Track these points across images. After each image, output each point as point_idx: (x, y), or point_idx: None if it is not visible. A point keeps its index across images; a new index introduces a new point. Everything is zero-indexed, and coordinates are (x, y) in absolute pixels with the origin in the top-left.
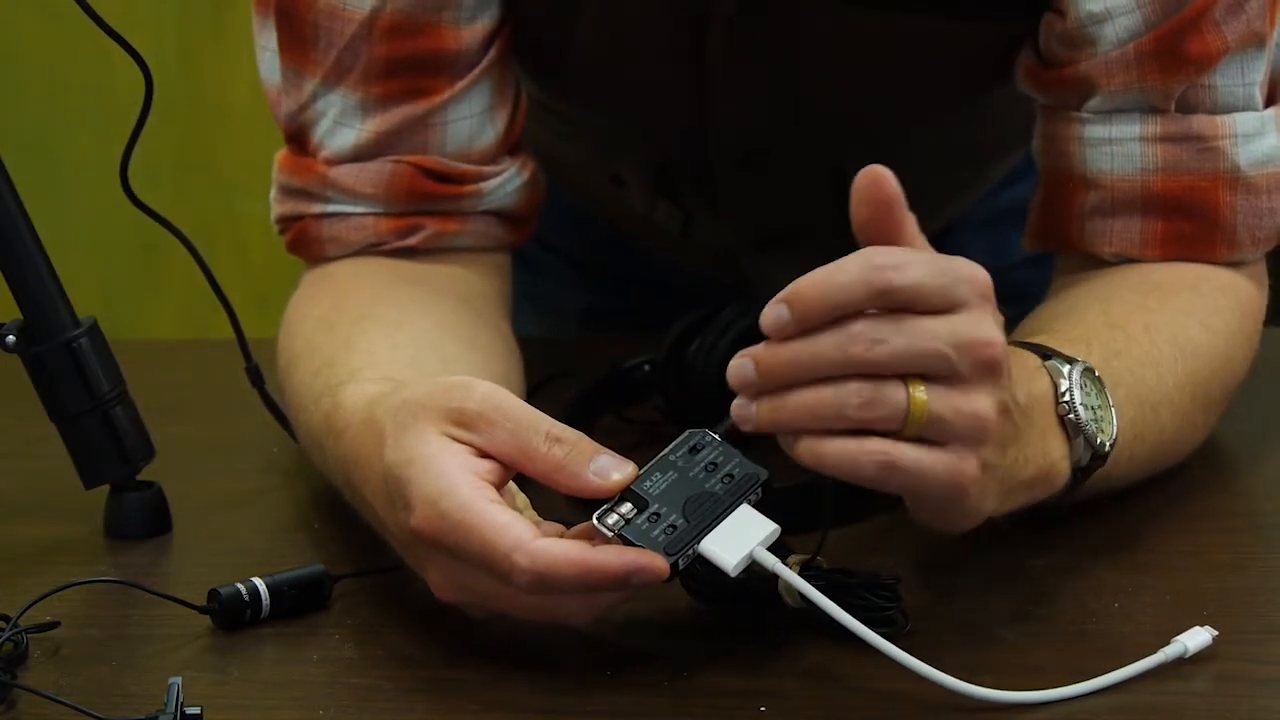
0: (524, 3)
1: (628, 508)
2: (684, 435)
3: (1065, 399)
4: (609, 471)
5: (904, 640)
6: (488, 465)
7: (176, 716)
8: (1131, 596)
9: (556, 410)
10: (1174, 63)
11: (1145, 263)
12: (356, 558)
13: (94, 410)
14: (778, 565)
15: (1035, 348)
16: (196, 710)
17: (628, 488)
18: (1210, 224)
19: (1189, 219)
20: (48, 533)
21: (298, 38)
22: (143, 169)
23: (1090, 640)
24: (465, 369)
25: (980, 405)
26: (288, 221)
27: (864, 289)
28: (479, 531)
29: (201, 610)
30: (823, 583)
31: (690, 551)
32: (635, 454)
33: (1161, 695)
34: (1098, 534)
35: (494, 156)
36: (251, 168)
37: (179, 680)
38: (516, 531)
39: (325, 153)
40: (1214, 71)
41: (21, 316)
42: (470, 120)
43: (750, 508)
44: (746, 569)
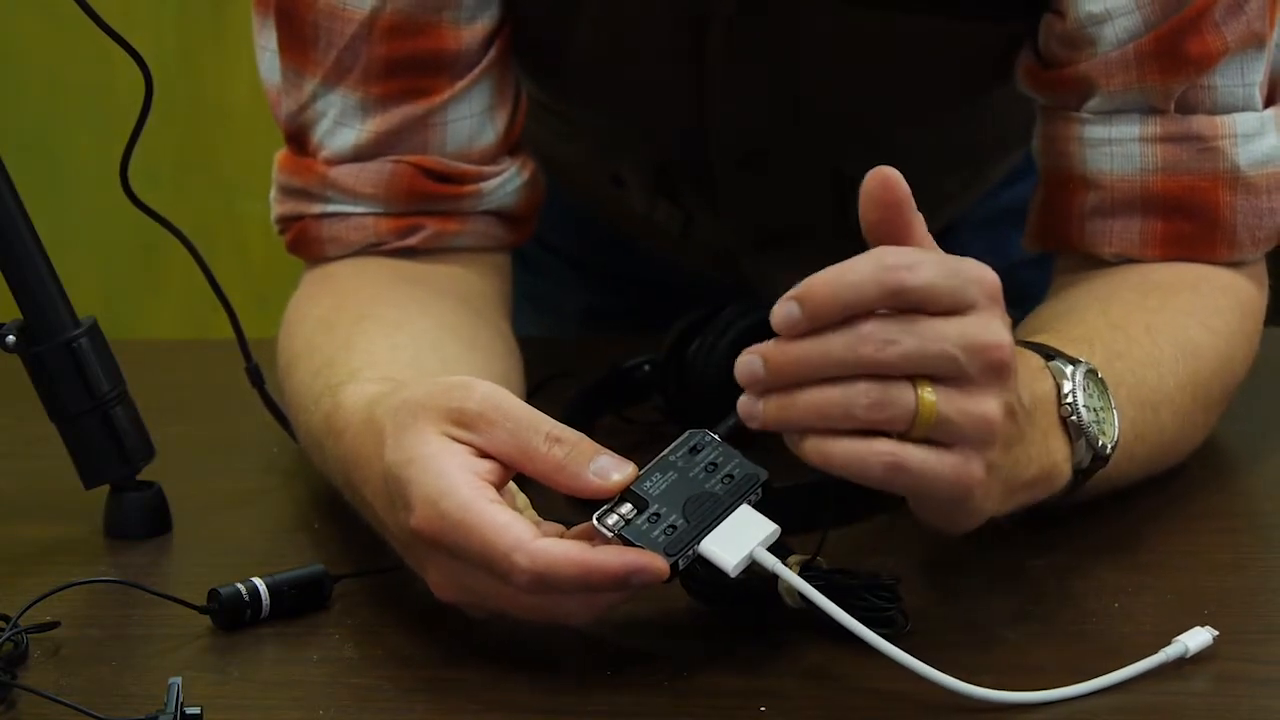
0: (524, 3)
1: (628, 508)
2: (684, 435)
3: (1068, 400)
4: (609, 472)
5: (904, 640)
6: (488, 465)
7: (176, 716)
8: (1131, 596)
9: (556, 410)
10: (1174, 63)
11: (1145, 263)
12: (356, 558)
13: (94, 410)
14: (778, 565)
15: (1038, 348)
16: (196, 710)
17: (628, 488)
18: (1210, 224)
19: (1189, 219)
20: (48, 533)
21: (298, 38)
22: (143, 169)
23: (1090, 640)
24: (465, 369)
25: (987, 408)
26: (288, 221)
27: (876, 289)
28: (479, 531)
29: (201, 610)
30: (823, 583)
31: (690, 552)
32: (635, 454)
33: (1161, 695)
34: (1098, 534)
35: (494, 156)
36: (251, 168)
37: (179, 680)
38: (516, 531)
39: (325, 153)
40: (1214, 72)
41: (21, 316)
42: (470, 120)
43: (750, 508)
44: (746, 569)
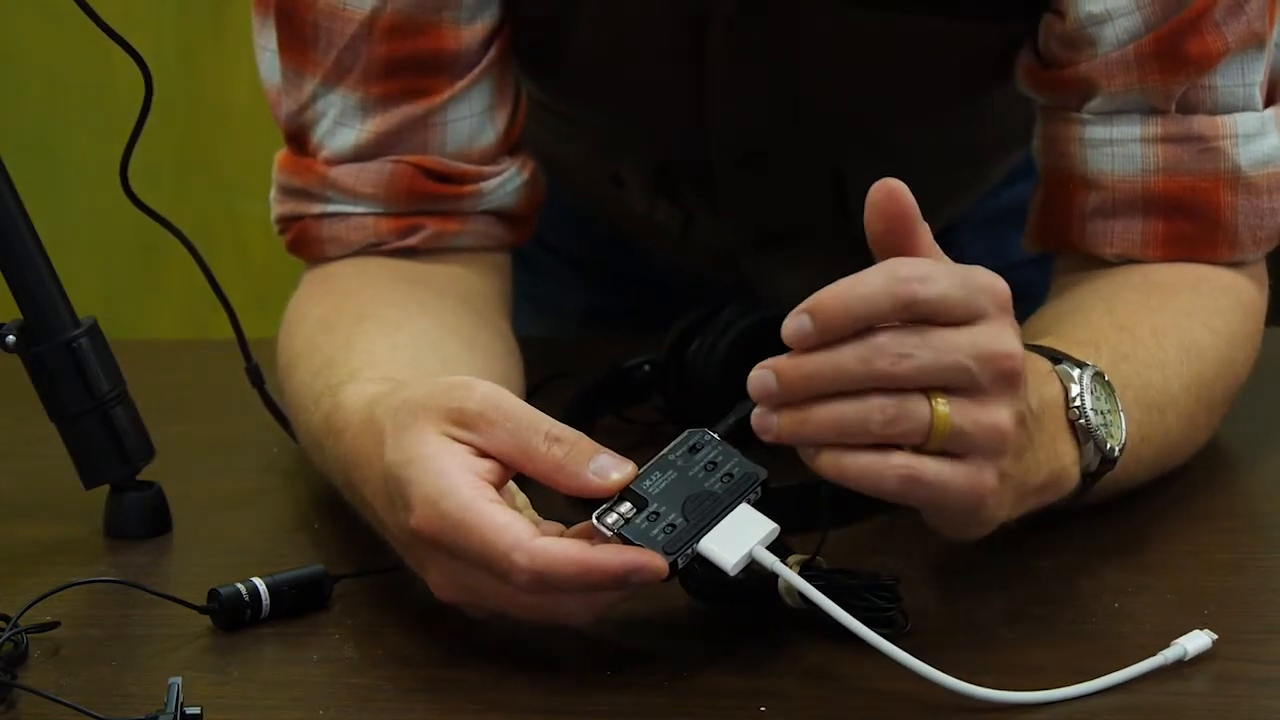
0: (524, 3)
1: (627, 507)
2: (683, 435)
3: (1076, 404)
4: (608, 471)
5: (904, 640)
6: (487, 465)
7: (176, 716)
8: (1131, 596)
9: (556, 410)
10: (1174, 64)
11: (1146, 263)
12: (356, 558)
13: (94, 410)
14: (777, 564)
15: (1045, 351)
16: (196, 710)
17: (627, 487)
18: (1211, 224)
19: (1190, 219)
20: (48, 533)
21: (298, 38)
22: (143, 169)
23: (1090, 640)
24: (465, 369)
25: (999, 417)
26: (288, 221)
27: (889, 301)
28: (478, 531)
29: (201, 610)
30: (823, 583)
31: (689, 550)
32: (635, 454)
33: (1161, 695)
34: (1098, 534)
35: (494, 156)
36: (251, 168)
37: (179, 680)
38: (516, 531)
39: (325, 153)
40: (1214, 72)
41: (21, 316)
42: (470, 120)
43: (750, 507)
44: (746, 569)
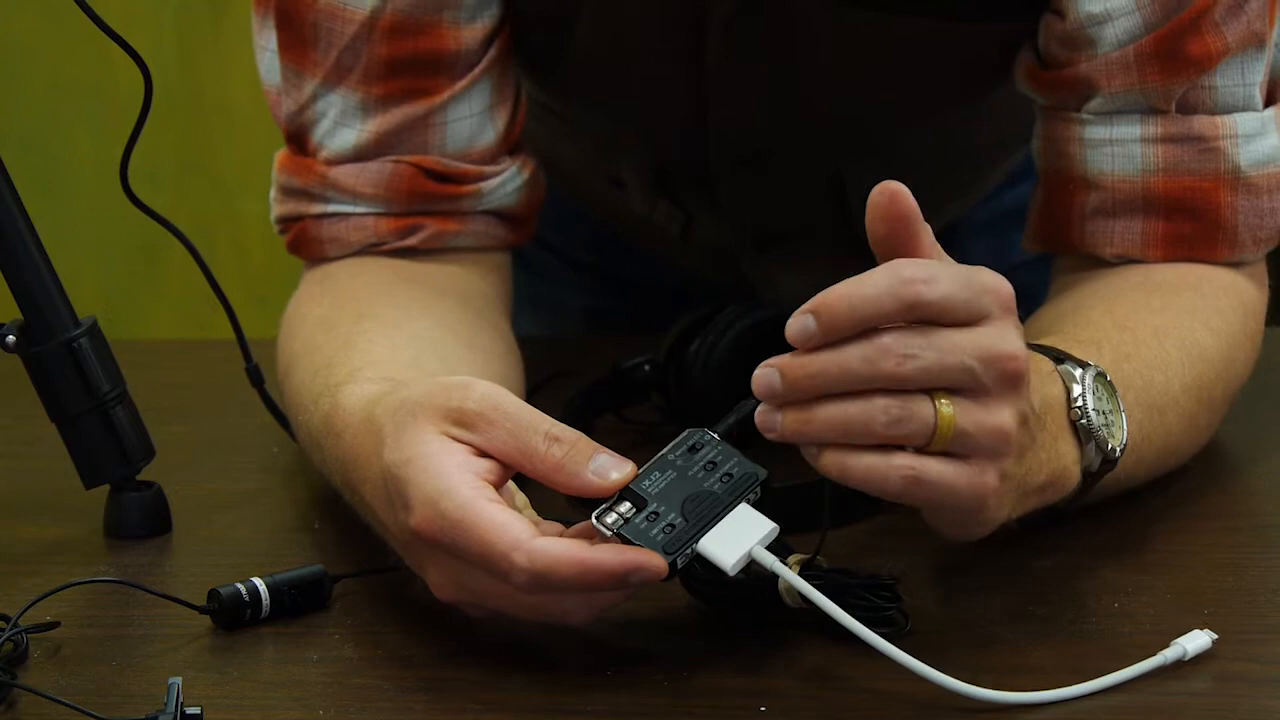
0: (524, 2)
1: (626, 507)
2: (683, 434)
3: (1078, 404)
4: (608, 471)
5: (904, 640)
6: (487, 465)
7: (176, 716)
8: (1131, 596)
9: (556, 410)
10: (1174, 64)
11: (1146, 263)
12: (356, 558)
13: (94, 410)
14: (776, 564)
15: (1047, 350)
16: (196, 710)
17: (627, 487)
18: (1212, 224)
19: (1190, 219)
20: (48, 533)
21: (298, 38)
22: (143, 169)
23: (1090, 640)
24: (465, 369)
25: (1002, 419)
26: (288, 222)
27: (893, 302)
28: (478, 531)
29: (201, 610)
30: (822, 582)
31: (689, 550)
32: (635, 454)
33: (1161, 695)
34: (1097, 534)
35: (494, 156)
36: (251, 168)
37: (179, 680)
38: (515, 531)
39: (325, 153)
40: (1214, 72)
41: (21, 316)
42: (470, 120)
43: (749, 507)
44: (746, 568)
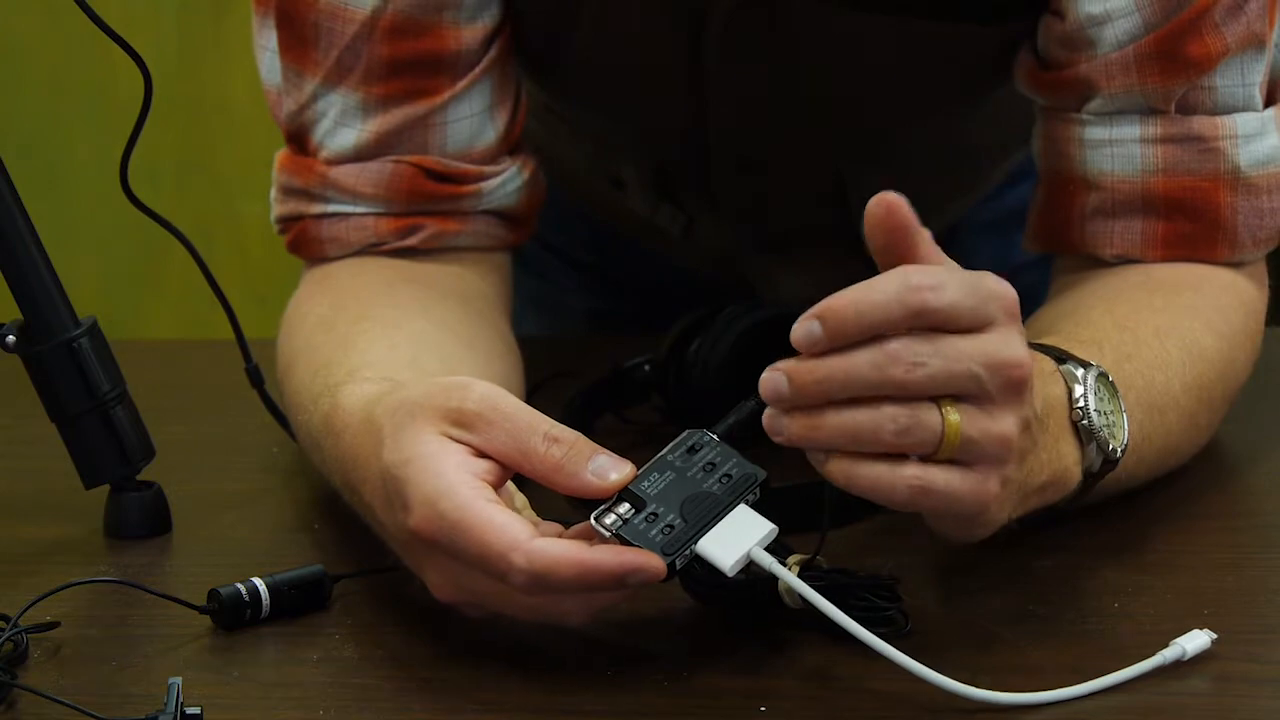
0: (524, 2)
1: (625, 508)
2: (682, 435)
3: (1080, 405)
4: (607, 471)
5: (904, 640)
6: (486, 465)
7: (176, 716)
8: (1131, 596)
9: (556, 410)
10: (1174, 65)
11: (1146, 263)
12: (356, 558)
13: (94, 410)
14: (775, 565)
15: (1050, 350)
16: (196, 710)
17: (626, 488)
18: (1212, 224)
19: (1190, 220)
20: (48, 533)
21: (298, 38)
22: (143, 169)
23: (1090, 640)
24: (464, 369)
25: (1006, 426)
26: (288, 222)
27: (900, 309)
28: (477, 531)
29: (201, 610)
30: (822, 583)
31: (687, 551)
32: (634, 454)
33: (1161, 696)
34: (1097, 534)
35: (494, 156)
36: (251, 168)
37: (179, 680)
38: (514, 531)
39: (325, 153)
40: (1214, 73)
41: (21, 316)
42: (471, 120)
43: (748, 508)
44: (745, 569)
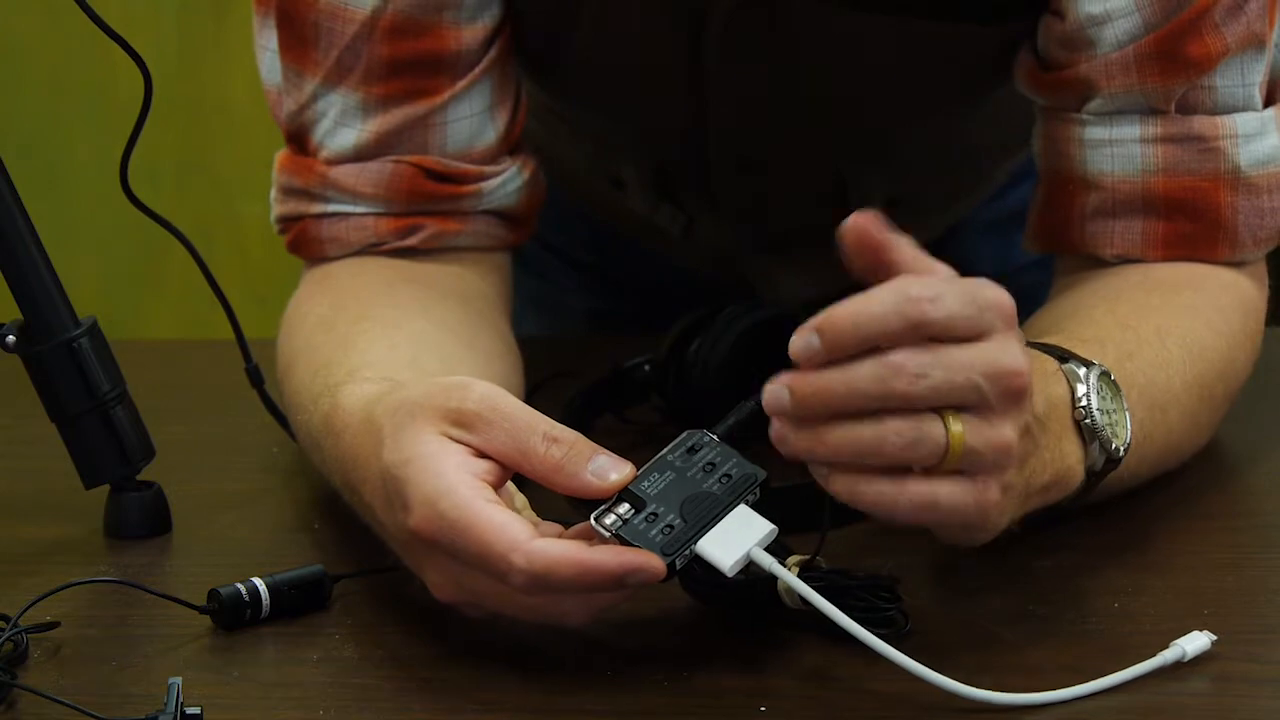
0: (524, 3)
1: (625, 508)
2: (682, 435)
3: (1082, 404)
4: (607, 472)
5: (904, 641)
6: (486, 465)
7: (176, 716)
8: (1131, 596)
9: (556, 410)
10: (1174, 65)
11: (1147, 263)
12: (356, 558)
13: (94, 410)
14: (774, 565)
15: (1052, 349)
16: (196, 710)
17: (625, 488)
18: (1212, 224)
19: (1191, 219)
20: (48, 533)
21: (298, 38)
22: (143, 169)
23: (1090, 640)
24: (464, 369)
25: (1007, 434)
26: (288, 222)
27: (899, 321)
28: (476, 531)
29: (201, 610)
30: (822, 583)
31: (687, 551)
32: (634, 454)
33: (1161, 696)
34: (1097, 535)
35: (494, 156)
36: (251, 168)
37: (179, 680)
38: (514, 532)
39: (325, 153)
40: (1214, 73)
41: (21, 316)
42: (471, 120)
43: (748, 508)
44: (745, 569)
